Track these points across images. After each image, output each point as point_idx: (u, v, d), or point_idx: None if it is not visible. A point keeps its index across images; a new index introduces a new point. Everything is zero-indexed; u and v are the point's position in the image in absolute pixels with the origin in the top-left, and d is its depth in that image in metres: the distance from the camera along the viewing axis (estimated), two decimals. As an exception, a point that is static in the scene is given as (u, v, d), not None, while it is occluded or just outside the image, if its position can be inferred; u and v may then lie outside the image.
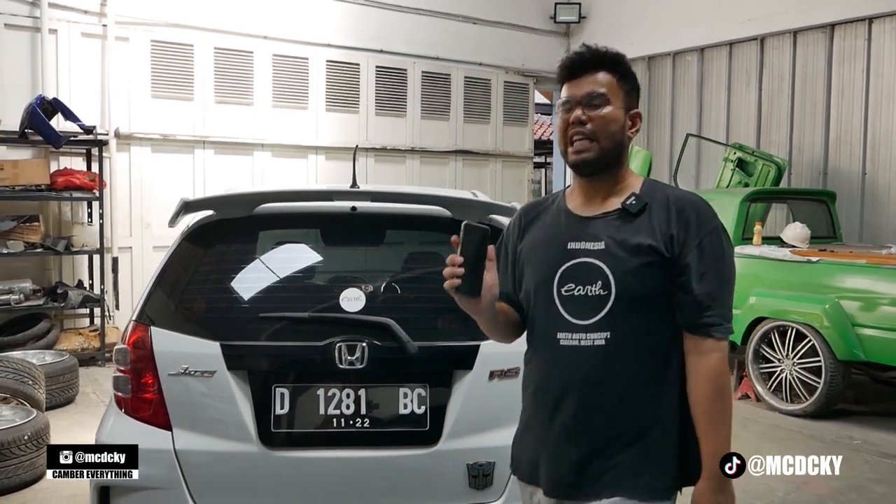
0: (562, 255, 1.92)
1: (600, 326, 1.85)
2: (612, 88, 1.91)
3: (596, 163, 1.90)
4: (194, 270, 2.92)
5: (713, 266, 1.83)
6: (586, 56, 1.94)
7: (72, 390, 6.35)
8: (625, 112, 1.93)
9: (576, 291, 1.88)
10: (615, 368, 1.85)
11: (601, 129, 1.89)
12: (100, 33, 8.19)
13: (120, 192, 8.29)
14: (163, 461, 2.68)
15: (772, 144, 9.45)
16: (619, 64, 1.95)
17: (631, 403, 1.85)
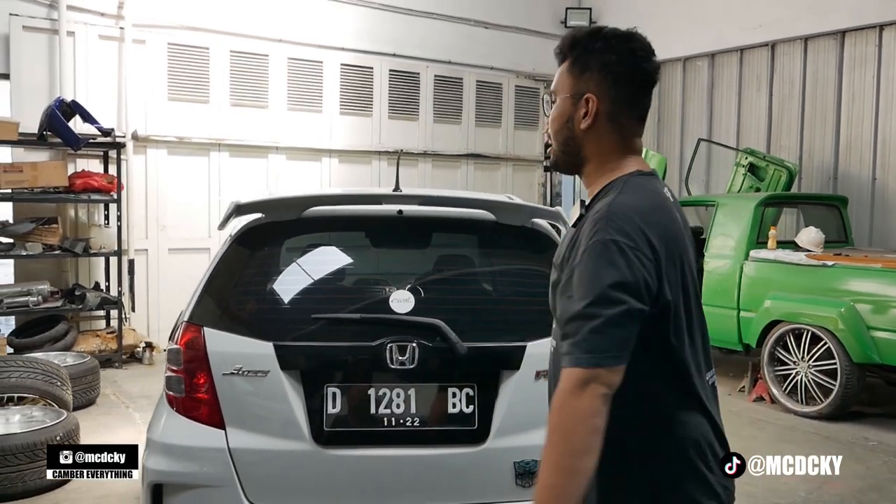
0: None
1: (554, 334, 1.75)
2: (562, 80, 1.74)
3: (555, 164, 1.79)
4: (244, 272, 2.97)
5: (574, 289, 1.53)
6: (556, 48, 1.79)
7: (93, 392, 6.39)
8: (573, 101, 1.70)
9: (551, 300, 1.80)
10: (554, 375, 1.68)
11: (552, 131, 1.75)
12: (117, 36, 8.24)
13: (136, 194, 8.35)
14: (217, 459, 2.73)
15: (782, 149, 9.52)
16: (573, 47, 1.73)
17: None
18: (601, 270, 1.49)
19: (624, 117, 1.69)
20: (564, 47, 1.74)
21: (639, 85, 1.71)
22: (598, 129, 1.68)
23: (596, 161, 1.71)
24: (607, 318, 1.46)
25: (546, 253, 3.11)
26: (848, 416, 6.32)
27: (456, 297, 3.08)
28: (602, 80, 1.67)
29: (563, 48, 1.75)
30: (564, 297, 1.57)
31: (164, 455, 2.78)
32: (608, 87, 1.67)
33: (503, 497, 2.83)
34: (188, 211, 8.72)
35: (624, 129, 1.70)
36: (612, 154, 1.70)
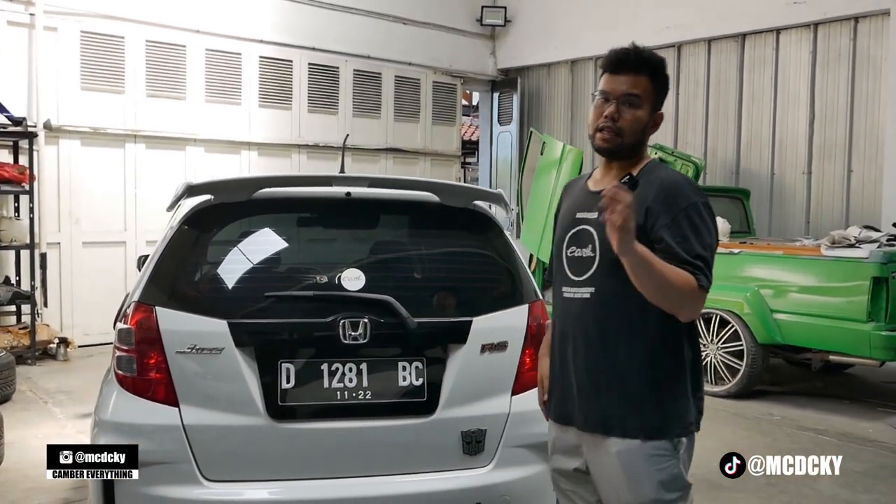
0: (571, 222, 2.26)
1: (587, 283, 2.16)
2: (647, 92, 2.13)
3: (615, 152, 2.18)
4: (195, 252, 2.99)
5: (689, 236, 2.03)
6: (632, 56, 2.14)
7: (9, 388, 6.18)
8: (650, 113, 2.16)
9: (576, 253, 2.21)
10: (595, 319, 2.14)
11: (628, 128, 2.13)
12: (27, 22, 7.96)
13: (48, 186, 8.07)
14: (171, 436, 2.75)
15: (688, 146, 10.02)
16: (658, 69, 2.15)
17: (610, 350, 2.12)
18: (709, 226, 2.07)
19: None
20: (648, 63, 2.14)
21: None
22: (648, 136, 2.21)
23: (640, 154, 2.21)
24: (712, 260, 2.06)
25: (488, 233, 3.28)
26: (754, 394, 6.75)
27: (404, 274, 3.20)
28: (662, 103, 2.20)
29: (647, 63, 2.14)
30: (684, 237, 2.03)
31: (116, 434, 2.77)
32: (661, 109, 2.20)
33: (452, 465, 2.96)
34: (103, 203, 8.50)
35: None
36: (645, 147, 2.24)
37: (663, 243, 2.03)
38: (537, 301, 3.21)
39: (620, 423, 2.11)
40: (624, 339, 2.12)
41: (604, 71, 2.19)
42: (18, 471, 4.63)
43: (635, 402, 2.11)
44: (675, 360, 2.12)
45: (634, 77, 2.12)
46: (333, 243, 3.34)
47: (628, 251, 1.91)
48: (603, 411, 2.14)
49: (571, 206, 2.29)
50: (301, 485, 2.83)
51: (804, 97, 9.09)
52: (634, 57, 2.14)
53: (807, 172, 9.07)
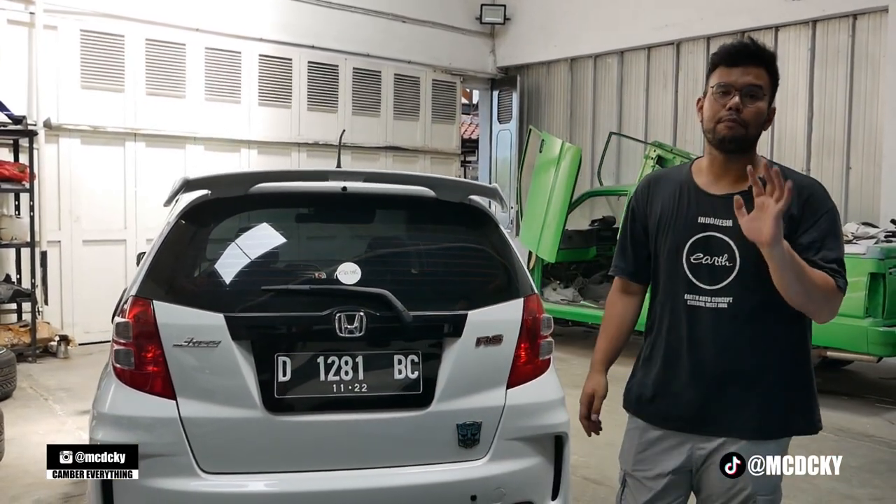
0: (693, 227, 2.21)
1: (723, 292, 2.16)
2: (766, 84, 2.15)
3: (740, 143, 2.15)
4: (192, 247, 3.01)
5: (829, 240, 2.09)
6: (751, 48, 2.15)
7: (9, 385, 6.22)
8: (768, 105, 2.18)
9: (703, 260, 2.19)
10: (737, 329, 2.16)
11: (752, 118, 2.13)
12: (27, 21, 7.99)
13: (49, 184, 8.11)
14: (168, 429, 2.77)
15: (687, 143, 10.03)
16: (773, 63, 2.18)
17: (745, 359, 2.16)
18: (842, 231, 2.18)
19: None
20: (767, 58, 2.17)
21: None
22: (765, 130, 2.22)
23: (754, 151, 2.20)
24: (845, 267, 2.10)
25: (483, 228, 3.29)
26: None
27: (400, 268, 3.21)
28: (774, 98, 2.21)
29: (766, 58, 2.17)
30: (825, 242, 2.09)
31: (114, 427, 2.80)
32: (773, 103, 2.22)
33: (447, 458, 2.98)
34: (103, 202, 8.53)
35: None
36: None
37: (802, 247, 2.06)
38: (532, 295, 3.22)
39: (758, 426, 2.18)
40: (763, 347, 2.16)
41: (717, 64, 2.17)
42: (19, 466, 4.65)
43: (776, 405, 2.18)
44: (803, 360, 2.23)
45: (754, 69, 2.13)
46: (329, 238, 3.36)
47: (779, 243, 1.93)
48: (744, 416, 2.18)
49: (687, 209, 2.24)
50: (297, 477, 2.85)
51: (803, 94, 9.10)
52: (754, 49, 2.15)
53: (805, 169, 9.07)
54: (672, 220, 2.26)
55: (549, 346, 3.24)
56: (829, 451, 4.94)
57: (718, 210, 2.17)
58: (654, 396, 2.31)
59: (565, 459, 3.19)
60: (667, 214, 2.28)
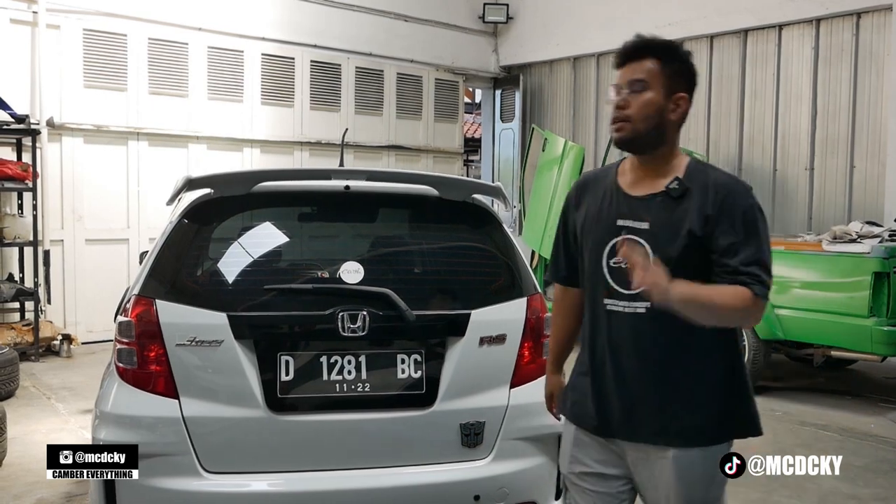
0: (612, 230, 2.15)
1: (641, 297, 2.05)
2: (654, 74, 2.08)
3: (630, 142, 2.11)
4: (195, 246, 3.00)
5: (749, 241, 1.99)
6: (632, 46, 2.12)
7: (12, 384, 6.22)
8: (665, 96, 2.08)
9: (622, 264, 2.09)
10: (655, 334, 2.08)
11: (636, 111, 2.07)
12: (30, 20, 7.99)
13: (51, 183, 8.11)
14: (171, 428, 2.76)
15: (690, 142, 10.00)
16: (665, 50, 2.11)
17: (673, 363, 2.08)
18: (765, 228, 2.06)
19: (687, 115, 2.16)
20: (652, 46, 2.12)
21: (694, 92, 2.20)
22: (677, 123, 2.13)
23: (670, 145, 2.13)
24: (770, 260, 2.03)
25: (486, 227, 3.29)
26: (755, 390, 6.62)
27: (403, 267, 3.21)
28: (687, 85, 2.14)
29: (651, 47, 2.12)
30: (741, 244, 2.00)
31: (117, 426, 2.79)
32: (689, 92, 2.15)
33: (450, 457, 2.97)
34: (106, 201, 8.53)
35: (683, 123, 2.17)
36: (676, 139, 2.17)
37: (720, 251, 2.01)
38: (536, 294, 3.21)
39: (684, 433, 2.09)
40: (686, 352, 2.08)
41: (615, 68, 2.17)
42: (21, 465, 4.65)
43: (703, 412, 2.09)
44: (735, 365, 2.14)
45: (638, 63, 2.09)
46: (332, 237, 3.35)
47: (669, 301, 1.89)
48: (670, 423, 2.10)
49: (606, 210, 2.19)
50: (300, 476, 2.85)
51: (806, 93, 9.07)
52: (633, 45, 2.12)
53: (809, 168, 9.06)
54: (594, 223, 2.21)
55: (552, 346, 3.24)
56: (832, 450, 4.97)
57: (636, 212, 2.12)
58: (585, 404, 2.23)
59: (568, 459, 3.18)
60: (591, 217, 2.23)
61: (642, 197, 2.12)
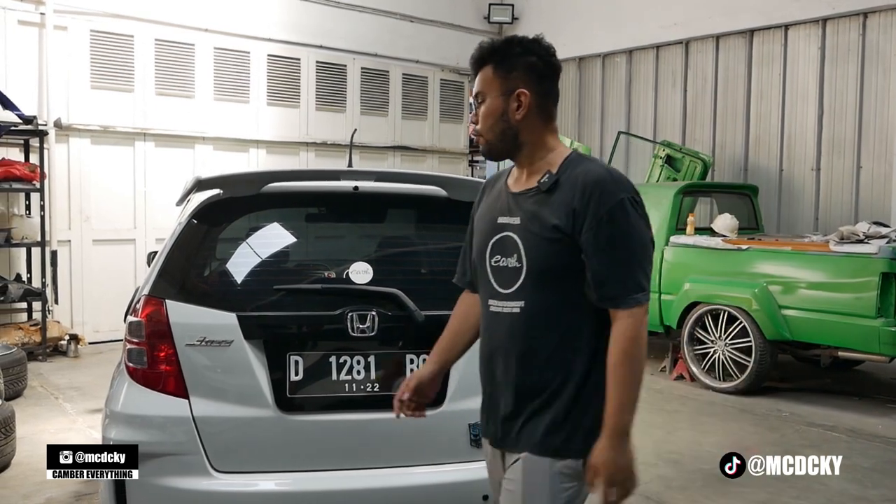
0: (493, 228, 2.07)
1: (515, 296, 1.99)
2: (488, 81, 2.01)
3: (489, 153, 2.08)
4: (205, 246, 3.02)
5: (611, 240, 1.88)
6: (472, 58, 2.06)
7: (20, 384, 6.24)
8: (504, 98, 2.00)
9: (501, 262, 2.03)
10: (527, 335, 1.98)
11: (483, 125, 2.04)
12: (37, 21, 8.01)
13: (59, 184, 8.14)
14: (181, 428, 2.78)
15: (696, 142, 10.00)
16: (496, 53, 2.02)
17: (542, 367, 1.97)
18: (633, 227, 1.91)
19: (547, 105, 2.06)
20: (485, 54, 2.04)
21: (554, 77, 2.07)
22: (530, 118, 2.02)
23: (532, 144, 2.04)
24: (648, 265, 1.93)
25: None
26: (762, 391, 6.73)
27: (412, 268, 3.22)
28: (528, 77, 2.01)
29: (484, 55, 2.04)
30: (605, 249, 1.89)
31: (127, 426, 2.81)
32: (533, 83, 2.01)
33: (459, 457, 2.98)
34: (113, 201, 8.55)
35: (548, 114, 2.06)
36: (544, 135, 2.05)
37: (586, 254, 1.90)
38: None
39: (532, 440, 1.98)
40: (552, 357, 1.96)
41: None
42: (30, 465, 4.66)
43: (559, 421, 1.96)
44: (601, 378, 1.94)
45: (478, 75, 2.04)
46: (341, 237, 3.36)
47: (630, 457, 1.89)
48: (523, 429, 2.00)
49: (492, 209, 2.11)
50: (309, 476, 2.86)
51: (813, 93, 9.06)
52: (476, 56, 2.05)
53: (815, 168, 9.05)
54: (481, 223, 2.14)
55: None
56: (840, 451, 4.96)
57: (512, 208, 2.03)
58: (482, 410, 2.16)
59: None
60: (480, 217, 2.17)
61: (519, 193, 2.04)
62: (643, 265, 1.92)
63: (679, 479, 4.66)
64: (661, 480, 4.66)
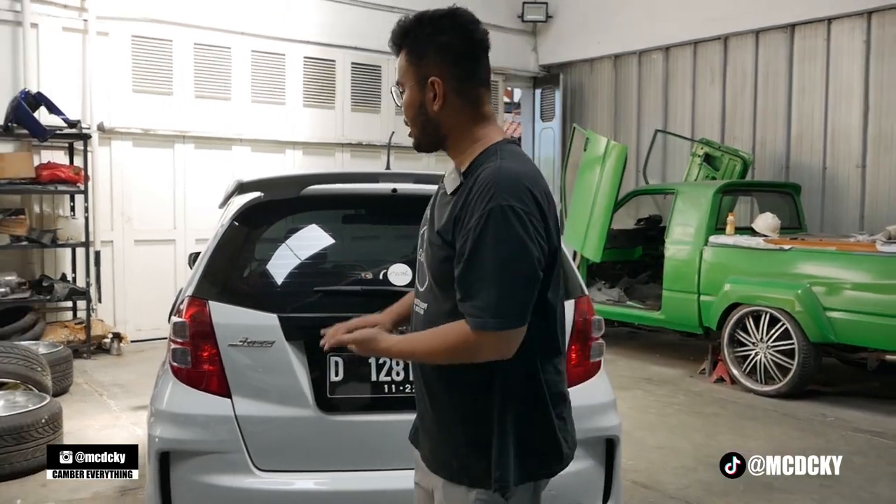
0: (423, 223, 1.99)
1: (424, 296, 1.90)
2: (403, 69, 1.84)
3: (418, 147, 1.92)
4: (246, 248, 3.06)
5: (476, 252, 1.67)
6: (390, 40, 1.88)
7: (67, 380, 6.39)
8: (419, 88, 1.82)
9: (420, 257, 1.96)
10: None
11: (408, 118, 1.88)
12: (81, 28, 8.18)
13: (101, 185, 8.29)
14: (224, 427, 2.82)
15: (735, 140, 9.85)
16: (406, 35, 1.84)
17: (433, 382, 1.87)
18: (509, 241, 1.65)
19: (471, 89, 1.83)
20: (396, 38, 1.85)
21: (477, 55, 1.85)
22: (450, 107, 1.81)
23: (457, 134, 1.84)
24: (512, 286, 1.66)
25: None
26: (805, 395, 6.60)
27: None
28: (441, 61, 1.80)
29: (395, 40, 1.85)
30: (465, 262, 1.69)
31: (172, 424, 2.86)
32: (449, 67, 1.80)
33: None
34: (153, 203, 8.70)
35: (475, 100, 1.84)
36: (469, 124, 1.84)
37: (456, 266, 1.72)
38: (583, 296, 3.20)
39: (446, 464, 1.87)
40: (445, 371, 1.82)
41: None
42: (93, 478, 4.76)
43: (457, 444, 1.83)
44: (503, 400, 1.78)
45: (397, 61, 1.87)
46: (380, 239, 3.38)
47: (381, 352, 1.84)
48: (435, 449, 1.91)
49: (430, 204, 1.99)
50: (348, 476, 2.88)
51: (858, 88, 8.85)
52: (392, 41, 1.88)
53: (861, 166, 8.85)
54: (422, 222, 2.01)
55: (599, 348, 3.22)
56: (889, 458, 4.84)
57: (434, 205, 1.91)
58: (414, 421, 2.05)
59: (616, 463, 3.16)
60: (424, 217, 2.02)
61: (442, 194, 1.91)
62: (506, 285, 1.65)
63: (720, 484, 4.59)
64: (701, 485, 4.60)
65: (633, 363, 7.99)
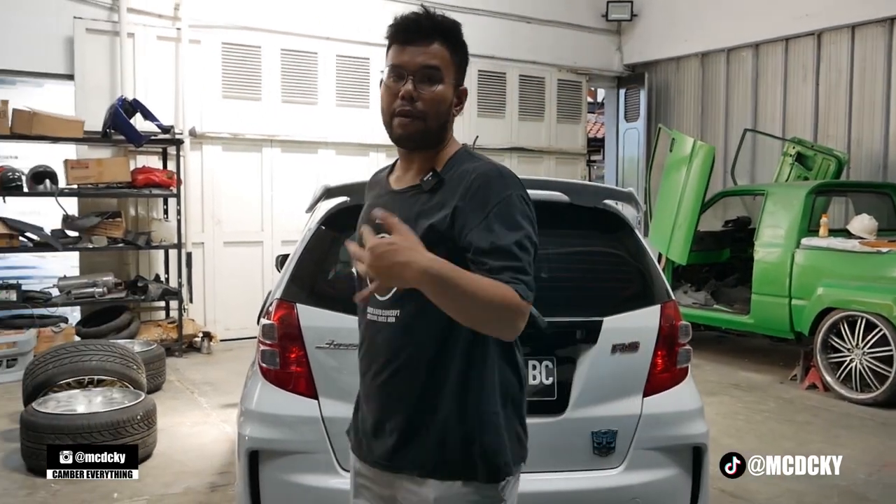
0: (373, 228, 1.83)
1: (392, 304, 1.83)
2: (446, 63, 1.80)
3: (419, 141, 1.83)
4: (332, 252, 3.12)
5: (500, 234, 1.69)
6: (423, 21, 1.80)
7: (160, 378, 6.63)
8: (454, 89, 1.83)
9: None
10: (402, 346, 1.83)
11: (431, 108, 1.79)
12: (174, 36, 8.50)
13: (193, 189, 8.60)
14: (311, 427, 2.88)
15: (829, 139, 9.48)
16: (454, 35, 1.83)
17: (418, 381, 1.83)
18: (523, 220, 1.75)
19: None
20: (447, 29, 1.81)
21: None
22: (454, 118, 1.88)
23: (447, 139, 1.88)
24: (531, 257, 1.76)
25: (617, 232, 3.24)
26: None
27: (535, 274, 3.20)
28: (464, 76, 1.88)
29: (445, 30, 1.81)
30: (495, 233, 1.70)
31: (261, 423, 2.93)
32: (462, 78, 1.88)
33: (582, 465, 2.95)
34: (242, 205, 8.96)
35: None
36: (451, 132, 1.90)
37: (473, 250, 1.70)
38: (669, 301, 3.15)
39: (437, 465, 1.82)
40: (428, 370, 1.81)
41: (391, 42, 1.83)
42: (169, 455, 4.95)
43: (446, 441, 1.81)
44: (486, 390, 1.82)
45: (426, 46, 1.78)
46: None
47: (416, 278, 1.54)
48: (417, 451, 1.84)
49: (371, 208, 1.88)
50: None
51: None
52: (427, 22, 1.79)
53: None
54: (362, 224, 1.93)
55: (686, 355, 3.16)
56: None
57: (388, 207, 1.78)
58: (357, 429, 1.99)
59: (704, 472, 3.10)
60: (362, 219, 1.97)
61: (398, 191, 1.89)
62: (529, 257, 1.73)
63: (812, 494, 4.43)
64: (792, 495, 4.45)
65: (721, 368, 7.78)
